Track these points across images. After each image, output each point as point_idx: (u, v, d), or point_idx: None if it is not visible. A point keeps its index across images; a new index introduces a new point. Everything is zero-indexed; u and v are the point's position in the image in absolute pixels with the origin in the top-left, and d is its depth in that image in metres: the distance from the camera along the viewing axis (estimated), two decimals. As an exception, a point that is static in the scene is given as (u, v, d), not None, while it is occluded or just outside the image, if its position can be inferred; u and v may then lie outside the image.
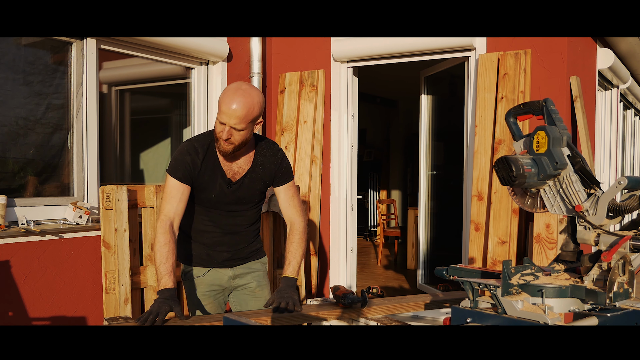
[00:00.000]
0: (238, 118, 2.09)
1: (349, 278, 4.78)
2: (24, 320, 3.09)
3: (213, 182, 2.26)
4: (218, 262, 2.38)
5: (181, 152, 2.25)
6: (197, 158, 2.23)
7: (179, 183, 2.22)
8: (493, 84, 3.89)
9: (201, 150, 2.24)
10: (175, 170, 2.22)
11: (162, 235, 2.17)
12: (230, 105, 2.08)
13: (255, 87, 2.19)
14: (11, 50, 3.32)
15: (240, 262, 2.43)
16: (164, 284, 2.12)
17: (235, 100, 2.08)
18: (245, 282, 2.43)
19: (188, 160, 2.22)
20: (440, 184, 5.52)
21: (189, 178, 2.23)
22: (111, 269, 3.30)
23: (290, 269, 2.30)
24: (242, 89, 2.12)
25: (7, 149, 3.34)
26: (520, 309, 1.35)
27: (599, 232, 1.41)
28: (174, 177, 2.22)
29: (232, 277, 2.41)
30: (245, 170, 2.30)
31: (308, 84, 4.65)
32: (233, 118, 2.09)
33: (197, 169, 2.23)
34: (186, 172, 2.21)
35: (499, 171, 1.47)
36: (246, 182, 2.31)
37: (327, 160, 4.68)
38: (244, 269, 2.43)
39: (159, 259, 2.15)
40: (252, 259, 2.46)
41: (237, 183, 2.29)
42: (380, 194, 10.14)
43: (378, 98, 9.28)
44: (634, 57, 5.66)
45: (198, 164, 2.23)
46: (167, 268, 2.13)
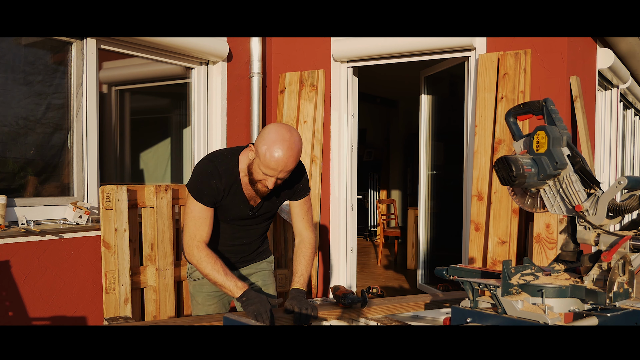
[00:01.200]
0: (287, 172, 2.07)
1: (349, 278, 4.78)
2: (24, 320, 3.09)
3: (234, 205, 2.24)
4: (225, 264, 2.37)
5: (204, 175, 2.18)
6: (220, 183, 2.17)
7: (205, 207, 2.18)
8: (493, 84, 3.89)
9: (224, 176, 2.18)
10: (201, 194, 2.17)
11: (208, 257, 2.15)
12: (280, 161, 2.02)
13: (292, 129, 2.11)
14: (11, 50, 3.32)
15: (246, 263, 2.45)
16: (241, 287, 2.10)
17: (283, 155, 2.02)
18: (251, 281, 2.45)
19: (213, 185, 2.17)
20: (440, 184, 5.52)
21: (214, 202, 2.20)
22: (111, 269, 3.30)
23: (301, 281, 2.28)
24: (287, 140, 2.03)
25: (7, 149, 3.34)
26: (520, 309, 1.35)
27: (599, 232, 1.41)
28: (200, 201, 2.17)
29: (238, 277, 2.39)
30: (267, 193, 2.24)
31: (308, 84, 4.65)
32: (283, 172, 2.06)
33: (221, 194, 2.20)
34: (211, 196, 2.18)
35: (499, 171, 1.47)
36: (266, 204, 2.31)
37: (327, 160, 4.68)
38: (249, 269, 2.46)
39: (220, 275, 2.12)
40: (257, 260, 2.48)
41: (257, 206, 2.29)
42: (380, 194, 10.14)
43: (378, 98, 9.28)
44: (634, 57, 5.66)
45: (221, 189, 2.18)
46: (232, 277, 2.13)
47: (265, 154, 2.02)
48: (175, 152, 4.87)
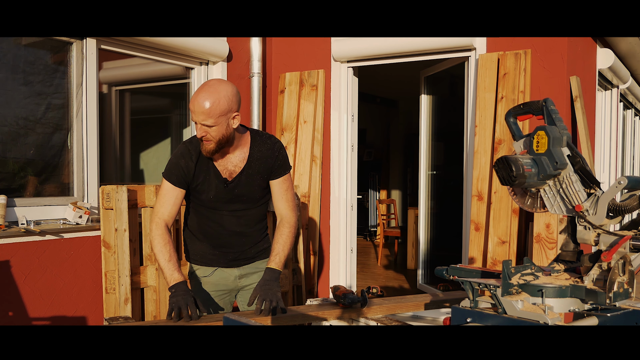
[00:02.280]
0: (204, 114, 2.07)
1: (349, 278, 4.78)
2: (24, 320, 3.09)
3: (209, 183, 2.26)
4: (224, 261, 2.38)
5: (176, 156, 2.26)
6: (190, 161, 2.23)
7: (172, 186, 2.24)
8: (493, 84, 3.89)
9: (194, 152, 2.24)
10: (170, 174, 2.25)
11: (160, 237, 2.21)
12: (194, 102, 2.08)
13: (225, 82, 2.17)
14: (11, 50, 3.32)
15: (246, 261, 2.42)
16: (176, 279, 2.14)
17: (199, 97, 2.08)
18: (252, 281, 2.42)
19: (182, 164, 2.23)
20: (440, 184, 5.52)
21: (183, 182, 2.25)
22: (111, 269, 3.30)
23: (277, 260, 2.26)
24: (209, 85, 2.12)
25: (7, 149, 3.34)
26: (520, 309, 1.35)
27: (599, 232, 1.41)
28: (169, 180, 2.25)
29: (239, 276, 2.41)
30: (241, 168, 2.27)
31: (308, 84, 4.65)
32: (199, 115, 2.08)
33: (192, 172, 2.24)
34: (180, 176, 2.23)
35: (499, 171, 1.46)
36: (243, 180, 2.29)
37: (327, 160, 4.68)
38: (250, 269, 2.42)
39: (163, 258, 2.18)
40: (258, 259, 2.45)
41: (233, 182, 2.28)
42: (380, 194, 10.14)
43: (378, 98, 9.28)
44: (634, 57, 5.66)
45: (192, 167, 2.23)
46: (174, 264, 2.17)
47: (192, 97, 2.11)
48: (175, 152, 4.85)
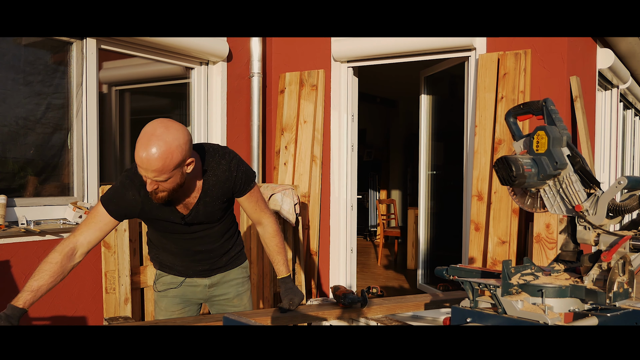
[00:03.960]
0: (155, 172, 1.80)
1: (349, 278, 4.78)
2: (24, 320, 3.08)
3: (163, 216, 2.06)
4: (194, 273, 2.28)
5: (122, 186, 2.00)
6: (137, 195, 1.98)
7: (106, 214, 1.98)
8: (493, 84, 3.89)
9: (142, 186, 1.94)
10: (109, 202, 1.98)
11: (51, 257, 1.90)
12: (142, 158, 1.78)
13: (174, 126, 1.84)
14: (11, 50, 3.32)
15: (217, 271, 2.30)
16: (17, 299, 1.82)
17: (148, 152, 1.77)
18: (222, 291, 2.32)
19: (129, 197, 1.98)
20: (440, 184, 5.52)
21: (122, 216, 2.01)
22: (111, 269, 3.30)
23: (282, 269, 2.23)
24: (155, 135, 1.79)
25: (7, 149, 3.34)
26: (520, 308, 1.35)
27: (599, 232, 1.41)
28: (105, 207, 1.98)
29: (209, 285, 2.30)
30: (197, 198, 2.06)
31: (308, 84, 4.65)
32: (149, 172, 1.81)
33: (138, 208, 2.01)
34: (121, 209, 1.99)
35: (499, 171, 1.46)
36: (201, 209, 2.08)
37: (327, 160, 4.68)
38: (220, 277, 2.31)
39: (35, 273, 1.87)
40: (230, 267, 2.33)
41: (190, 214, 2.08)
42: (380, 194, 10.14)
43: (378, 98, 9.28)
44: (634, 57, 5.66)
45: (139, 202, 1.99)
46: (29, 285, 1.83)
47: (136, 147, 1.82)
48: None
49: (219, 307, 2.35)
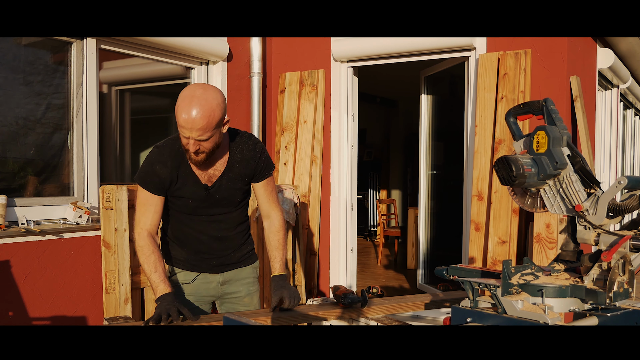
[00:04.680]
0: (200, 130, 1.93)
1: (349, 278, 4.78)
2: (24, 320, 3.09)
3: (187, 189, 2.14)
4: (207, 267, 2.29)
5: (150, 162, 2.12)
6: (165, 168, 2.10)
7: (150, 194, 2.12)
8: (493, 84, 3.89)
9: (170, 159, 2.10)
10: (146, 182, 2.11)
11: (145, 247, 2.10)
12: (186, 118, 1.91)
13: (211, 88, 2.00)
14: (11, 50, 3.32)
15: (230, 267, 2.33)
16: (162, 290, 2.05)
17: (191, 112, 1.90)
18: (234, 289, 2.34)
19: (157, 170, 2.09)
20: (440, 184, 5.52)
21: (161, 189, 2.12)
22: (111, 269, 3.30)
23: (278, 266, 2.24)
24: (196, 96, 1.92)
25: (7, 149, 3.34)
26: (520, 308, 1.35)
27: (599, 231, 1.41)
28: (146, 188, 2.11)
29: (221, 282, 2.32)
30: (221, 172, 2.16)
31: (308, 83, 4.65)
32: (194, 131, 1.93)
33: (168, 179, 2.11)
34: (156, 183, 2.11)
35: (499, 171, 1.46)
36: (224, 184, 2.17)
37: (327, 160, 4.68)
38: (233, 275, 2.34)
39: (149, 269, 2.08)
40: (242, 264, 2.36)
41: (214, 186, 2.16)
42: (380, 193, 10.14)
43: (378, 98, 9.28)
44: (634, 57, 5.66)
45: (167, 173, 2.10)
46: (159, 276, 2.07)
47: (176, 112, 1.94)
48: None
49: (230, 305, 2.36)
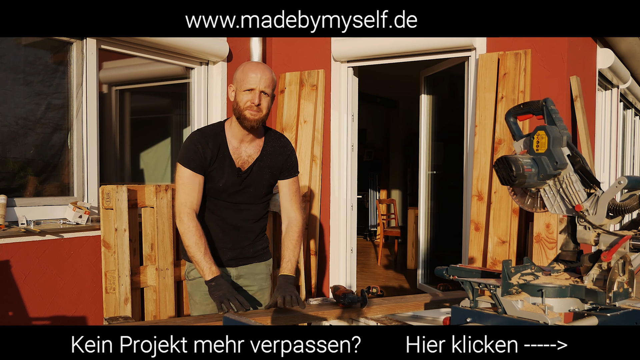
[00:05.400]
0: (267, 80, 2.17)
1: (349, 278, 4.78)
2: (24, 320, 3.09)
3: (222, 170, 2.25)
4: (223, 261, 2.35)
5: (192, 142, 2.24)
6: (207, 147, 2.22)
7: (193, 173, 2.21)
8: (493, 84, 3.89)
9: (211, 139, 2.24)
10: (188, 160, 2.22)
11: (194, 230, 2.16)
12: (256, 71, 2.17)
13: None
14: (11, 50, 3.32)
15: (244, 261, 2.40)
16: (214, 272, 2.14)
17: (259, 67, 2.19)
18: (248, 283, 2.41)
19: (200, 149, 2.22)
20: (440, 184, 5.52)
21: (202, 168, 2.23)
22: (111, 269, 3.31)
23: (289, 267, 2.28)
24: (259, 63, 2.26)
25: (7, 149, 3.34)
26: (520, 308, 1.35)
27: (599, 231, 1.41)
28: (188, 167, 2.21)
29: (236, 277, 2.39)
30: (254, 159, 2.29)
31: (308, 83, 4.65)
32: (262, 81, 2.16)
33: (208, 158, 2.23)
34: (199, 162, 2.22)
35: (499, 171, 1.46)
36: (254, 171, 2.30)
37: (327, 160, 4.68)
38: (247, 269, 2.41)
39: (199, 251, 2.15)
40: (256, 260, 2.43)
41: (246, 172, 2.28)
42: (380, 193, 10.14)
43: (378, 98, 9.28)
44: (634, 57, 5.66)
45: (208, 153, 2.22)
46: (210, 258, 2.16)
47: (242, 72, 2.20)
48: (175, 152, 4.87)
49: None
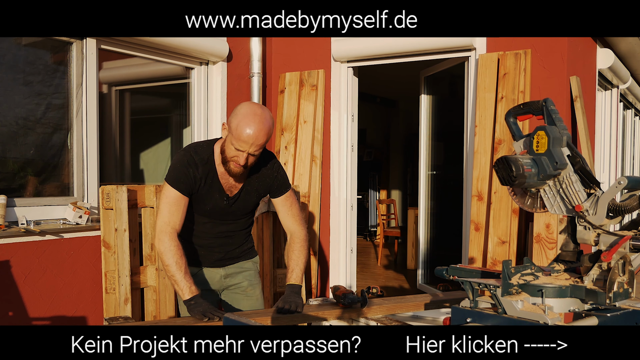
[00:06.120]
0: (259, 146, 2.09)
1: (349, 278, 4.78)
2: (24, 320, 3.09)
3: (210, 196, 2.26)
4: (210, 261, 2.40)
5: (182, 164, 2.22)
6: (196, 172, 2.21)
7: (180, 195, 2.20)
8: (493, 84, 3.89)
9: (200, 164, 2.22)
10: (177, 182, 2.20)
11: (175, 249, 2.16)
12: (250, 134, 2.06)
13: (264, 107, 2.17)
14: (11, 50, 3.32)
15: (231, 261, 2.44)
16: (193, 292, 2.13)
17: (256, 129, 2.07)
18: (237, 281, 2.45)
19: (190, 173, 2.20)
20: (440, 184, 5.52)
21: (189, 191, 2.23)
22: (111, 269, 3.31)
23: (294, 277, 2.30)
24: (258, 115, 2.09)
25: (7, 149, 3.34)
26: (520, 309, 1.35)
27: (599, 232, 1.41)
28: (177, 189, 2.20)
29: (224, 276, 2.43)
30: (242, 184, 2.29)
31: (308, 84, 4.65)
32: (254, 146, 2.08)
33: (197, 183, 2.22)
34: (188, 184, 2.21)
35: (499, 171, 1.46)
36: (242, 196, 2.31)
37: (327, 160, 4.68)
38: (235, 268, 2.45)
39: (179, 271, 2.15)
40: (243, 259, 2.47)
41: (234, 198, 2.30)
42: (380, 194, 10.14)
43: (378, 98, 9.28)
44: (634, 57, 5.66)
45: (198, 178, 2.22)
46: (189, 278, 2.16)
47: (237, 128, 2.07)
48: (175, 152, 4.87)
49: (233, 296, 2.45)
